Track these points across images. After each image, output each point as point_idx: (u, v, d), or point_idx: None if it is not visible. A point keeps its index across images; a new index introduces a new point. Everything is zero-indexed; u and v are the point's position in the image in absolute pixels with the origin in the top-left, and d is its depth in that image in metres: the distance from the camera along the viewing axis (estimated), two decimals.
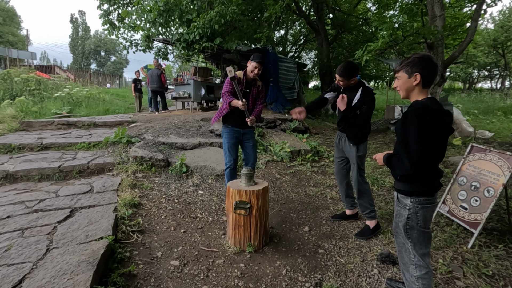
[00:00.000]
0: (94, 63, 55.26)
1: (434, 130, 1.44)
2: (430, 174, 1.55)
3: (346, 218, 3.03)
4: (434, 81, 1.58)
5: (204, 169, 4.17)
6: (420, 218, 1.55)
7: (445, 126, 1.49)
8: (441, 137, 1.51)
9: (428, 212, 1.57)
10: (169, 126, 5.74)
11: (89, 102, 12.29)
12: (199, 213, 3.12)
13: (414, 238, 1.60)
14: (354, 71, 2.59)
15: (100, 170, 3.97)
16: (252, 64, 2.96)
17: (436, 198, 1.61)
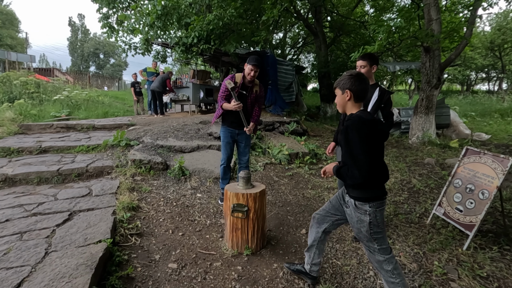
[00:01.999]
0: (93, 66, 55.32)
1: (372, 138, 1.57)
2: (381, 179, 1.67)
3: None
4: (365, 96, 1.70)
5: (203, 172, 4.20)
6: (379, 220, 1.66)
7: (380, 133, 1.65)
8: (379, 144, 1.65)
9: (383, 213, 1.70)
10: (168, 129, 5.77)
11: (88, 105, 12.30)
12: (197, 216, 3.14)
13: (379, 239, 1.70)
14: (376, 58, 2.60)
15: (99, 173, 3.99)
16: (248, 67, 2.99)
17: (386, 201, 1.73)
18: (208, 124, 6.20)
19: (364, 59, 2.57)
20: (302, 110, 12.20)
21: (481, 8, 6.18)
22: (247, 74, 3.02)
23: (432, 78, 6.28)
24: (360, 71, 2.55)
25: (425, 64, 6.31)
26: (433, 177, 4.41)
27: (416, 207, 3.44)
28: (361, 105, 1.70)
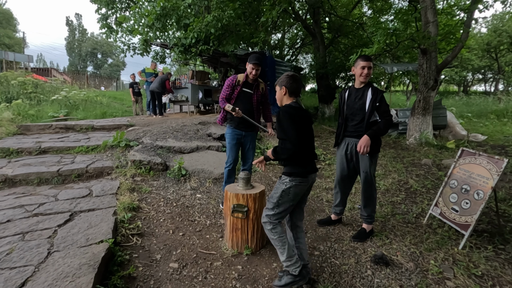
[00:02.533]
0: (91, 66, 55.13)
1: (298, 120, 1.96)
2: (305, 160, 2.01)
3: (332, 223, 3.07)
4: (296, 92, 2.08)
5: (202, 173, 4.23)
6: (292, 194, 1.98)
7: (304, 117, 2.02)
8: (305, 126, 2.01)
9: (300, 189, 2.00)
10: (167, 129, 5.80)
11: (86, 105, 12.28)
12: (197, 216, 3.18)
13: (281, 206, 2.02)
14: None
15: (98, 174, 4.01)
16: (249, 66, 3.05)
17: (308, 179, 2.02)
18: (207, 125, 6.23)
19: (370, 60, 2.63)
20: None
21: (477, 11, 6.26)
22: (249, 73, 3.08)
23: (429, 79, 6.35)
24: (367, 72, 2.60)
25: (422, 66, 6.38)
26: (430, 178, 4.47)
27: (413, 207, 3.49)
28: (294, 99, 2.08)
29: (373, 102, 2.59)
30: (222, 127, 6.13)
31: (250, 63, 3.03)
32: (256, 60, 3.03)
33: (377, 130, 2.58)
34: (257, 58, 3.05)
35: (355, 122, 2.72)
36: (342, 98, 2.85)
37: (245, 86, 3.17)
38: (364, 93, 2.65)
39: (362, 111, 2.66)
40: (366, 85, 2.68)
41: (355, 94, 2.73)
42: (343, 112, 2.83)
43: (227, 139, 3.31)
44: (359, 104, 2.68)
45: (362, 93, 2.68)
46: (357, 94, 2.71)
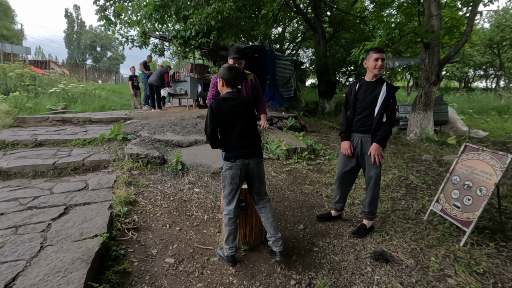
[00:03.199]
0: (90, 59, 54.73)
1: (226, 111, 2.09)
2: (229, 147, 2.16)
3: (331, 219, 3.01)
4: (232, 83, 2.20)
5: (200, 167, 4.17)
6: (228, 177, 2.16)
7: (235, 106, 2.12)
8: (232, 118, 2.12)
9: (233, 173, 2.15)
10: (165, 123, 5.73)
11: (84, 98, 12.19)
12: (194, 211, 3.13)
13: (225, 187, 2.21)
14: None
15: (95, 167, 3.95)
16: (230, 61, 2.81)
17: (238, 164, 2.13)
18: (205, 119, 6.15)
19: (383, 51, 2.54)
20: (300, 105, 12.17)
21: (481, 4, 6.15)
22: None
23: (431, 74, 6.27)
24: (381, 64, 2.51)
25: (424, 61, 6.29)
26: (430, 174, 4.43)
27: (414, 203, 3.45)
28: (232, 89, 2.20)
29: (387, 100, 2.52)
30: None
31: (230, 58, 2.80)
32: (236, 53, 2.75)
33: (385, 135, 2.52)
34: (236, 51, 2.77)
35: (362, 116, 2.63)
36: (352, 90, 2.73)
37: None
38: (377, 88, 2.56)
39: (372, 105, 2.58)
40: (378, 80, 2.59)
41: (366, 87, 2.63)
42: (353, 105, 2.69)
43: None
44: (370, 98, 2.58)
45: (374, 87, 2.58)
46: (369, 88, 2.61)
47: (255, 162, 2.19)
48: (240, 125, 2.14)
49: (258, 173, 2.22)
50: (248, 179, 2.25)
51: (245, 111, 2.17)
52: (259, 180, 2.24)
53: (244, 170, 2.17)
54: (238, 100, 2.17)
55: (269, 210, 2.28)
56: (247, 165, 2.16)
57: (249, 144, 2.17)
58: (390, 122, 2.52)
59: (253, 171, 2.19)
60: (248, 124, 2.18)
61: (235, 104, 2.14)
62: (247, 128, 2.17)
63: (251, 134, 2.19)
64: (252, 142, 2.19)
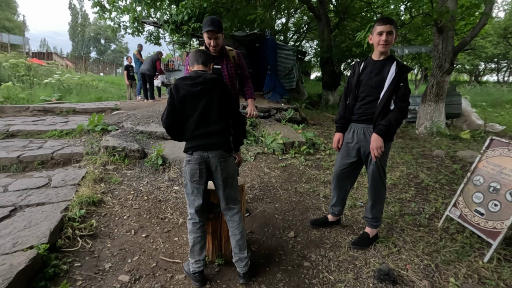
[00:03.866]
0: (94, 51, 54.49)
1: (178, 94, 1.72)
2: (186, 136, 1.77)
3: (327, 225, 2.56)
4: (199, 59, 1.84)
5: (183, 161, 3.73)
6: (187, 171, 1.78)
7: (190, 89, 1.72)
8: (190, 100, 1.73)
9: (191, 168, 1.76)
10: (153, 113, 5.29)
11: (81, 90, 11.85)
12: (169, 213, 2.70)
13: (186, 185, 1.82)
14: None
15: (66, 161, 3.54)
16: (205, 36, 2.27)
17: (195, 157, 1.74)
18: None
19: (390, 23, 2.00)
20: (303, 97, 11.61)
21: None
22: (208, 45, 2.31)
23: (444, 62, 5.70)
24: (385, 39, 2.01)
25: (438, 47, 5.72)
26: (443, 172, 3.93)
27: (426, 206, 2.97)
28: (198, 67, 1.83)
29: (396, 82, 2.02)
30: None
31: (203, 32, 2.23)
32: (210, 25, 2.14)
33: (388, 125, 2.01)
34: (211, 23, 2.16)
35: (365, 101, 2.16)
36: (355, 71, 2.24)
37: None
38: (385, 68, 2.07)
39: (377, 89, 2.09)
40: (388, 59, 2.09)
41: (372, 67, 2.14)
42: (355, 89, 2.21)
43: None
44: (376, 80, 2.09)
45: (381, 67, 2.09)
46: (375, 68, 2.12)
47: (217, 157, 1.74)
48: (200, 109, 1.72)
49: (222, 172, 1.76)
50: (211, 179, 1.81)
51: (207, 92, 1.74)
52: (224, 182, 1.78)
53: (204, 166, 1.74)
54: (199, 78, 1.74)
55: (238, 225, 1.83)
56: (206, 159, 1.74)
57: (210, 133, 1.74)
58: (398, 110, 2.02)
59: (215, 169, 1.75)
60: (210, 108, 1.74)
61: (193, 83, 1.73)
62: (209, 112, 1.75)
63: (215, 121, 1.75)
64: (215, 131, 1.75)
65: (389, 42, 2.02)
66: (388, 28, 2.00)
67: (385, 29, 2.00)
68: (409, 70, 2.09)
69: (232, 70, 2.49)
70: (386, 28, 2.00)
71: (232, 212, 1.83)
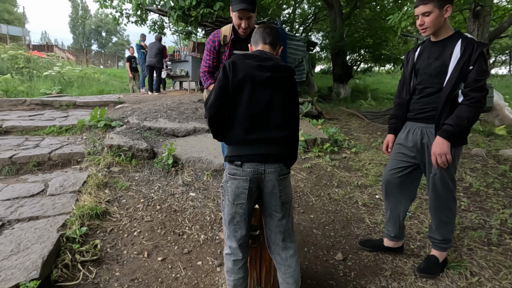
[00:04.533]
0: (95, 44, 53.84)
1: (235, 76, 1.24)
2: (235, 137, 1.28)
3: (382, 250, 2.05)
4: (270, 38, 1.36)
5: (199, 163, 3.29)
6: (229, 189, 1.29)
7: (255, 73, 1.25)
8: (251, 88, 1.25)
9: (237, 186, 1.27)
10: (160, 107, 4.84)
11: (82, 82, 11.45)
12: (187, 226, 2.27)
13: (224, 207, 1.34)
14: None
15: (65, 163, 3.11)
16: (234, 16, 1.85)
17: (245, 175, 1.25)
18: None
19: (424, 2, 1.57)
20: (313, 91, 11.10)
21: None
22: (237, 26, 1.89)
23: None
24: (421, 22, 1.61)
25: (472, 34, 5.19)
26: (491, 174, 3.46)
27: (487, 218, 2.52)
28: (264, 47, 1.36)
29: (463, 65, 1.54)
30: None
31: (234, 11, 1.83)
32: (243, 2, 1.78)
33: (456, 125, 1.53)
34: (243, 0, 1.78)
35: (423, 94, 1.71)
36: (409, 60, 1.81)
37: (236, 45, 1.99)
38: (446, 49, 1.61)
39: (438, 78, 1.63)
40: (451, 37, 1.63)
41: (430, 51, 1.69)
42: (409, 80, 1.79)
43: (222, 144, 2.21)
44: (435, 66, 1.64)
45: (441, 49, 1.63)
46: (433, 51, 1.67)
47: (276, 173, 1.27)
48: (262, 104, 1.25)
49: (281, 195, 1.29)
50: (262, 202, 1.33)
51: (277, 82, 1.27)
52: (282, 209, 1.30)
53: (256, 184, 1.27)
54: (269, 61, 1.28)
55: (293, 273, 1.35)
56: (261, 175, 1.26)
57: (271, 139, 1.26)
58: (470, 103, 1.53)
59: (271, 190, 1.28)
60: (276, 106, 1.28)
61: (260, 66, 1.25)
62: (273, 111, 1.27)
63: (279, 125, 1.27)
64: (277, 138, 1.27)
65: (427, 25, 1.60)
66: (422, 9, 1.59)
67: (418, 12, 1.62)
68: (483, 46, 1.59)
69: None
70: (419, 10, 1.61)
71: (288, 254, 1.35)
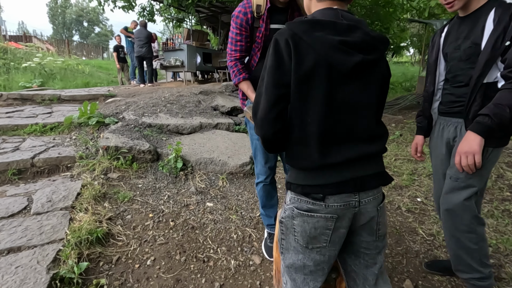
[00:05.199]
0: (76, 35, 51.49)
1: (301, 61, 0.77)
2: (310, 158, 0.81)
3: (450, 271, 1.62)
4: None
5: (211, 165, 2.84)
6: (297, 229, 0.86)
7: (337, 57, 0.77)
8: (332, 80, 0.78)
9: (311, 224, 0.83)
10: (158, 101, 4.32)
11: (65, 74, 10.70)
12: (211, 249, 1.83)
13: (288, 254, 0.91)
14: None
15: (52, 169, 2.60)
16: None
17: (333, 211, 0.81)
18: (211, 95, 4.75)
19: None
20: None
21: None
22: None
23: None
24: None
25: None
26: None
27: None
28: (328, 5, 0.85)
29: (495, 40, 1.14)
30: (231, 98, 4.67)
31: None
32: None
33: (496, 114, 1.12)
34: None
35: (456, 84, 1.34)
36: (434, 45, 1.44)
37: (274, 18, 1.53)
38: (478, 24, 1.21)
39: (471, 62, 1.25)
40: (485, 7, 1.21)
41: (459, 31, 1.30)
42: (434, 71, 1.44)
43: (252, 134, 1.72)
44: (466, 48, 1.26)
45: (473, 25, 1.24)
46: (462, 30, 1.29)
47: (375, 201, 0.87)
48: (347, 106, 0.82)
49: (379, 228, 0.90)
50: (349, 244, 0.93)
51: (369, 67, 0.82)
52: (377, 246, 0.92)
53: (347, 221, 0.86)
54: (356, 31, 0.80)
55: None
56: (354, 209, 0.84)
57: (366, 156, 0.84)
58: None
59: (366, 223, 0.89)
60: (369, 105, 0.85)
61: (344, 42, 0.77)
62: (364, 113, 0.84)
63: (374, 133, 0.86)
64: (374, 153, 0.86)
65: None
66: None
67: None
68: None
69: None
70: None
71: None
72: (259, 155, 1.74)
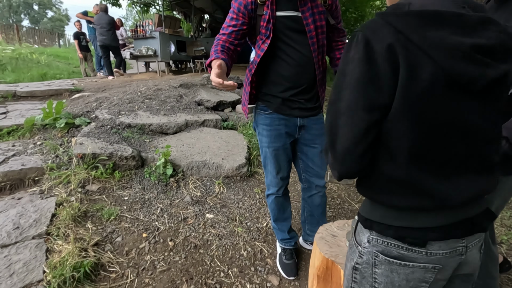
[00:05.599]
0: (26, 19, 46.59)
1: (412, 79, 0.53)
2: (401, 192, 0.62)
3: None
4: None
5: (204, 168, 2.58)
6: (380, 279, 0.67)
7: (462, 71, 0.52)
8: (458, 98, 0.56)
9: (405, 277, 0.64)
10: (134, 96, 3.89)
11: (17, 65, 9.58)
12: (221, 271, 1.61)
13: None
14: None
15: (16, 184, 2.19)
16: None
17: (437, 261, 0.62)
18: (192, 88, 4.38)
19: None
20: None
21: None
22: None
23: None
24: None
25: None
26: None
27: None
28: None
29: None
30: (215, 91, 4.34)
31: None
32: None
33: None
34: None
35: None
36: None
37: (281, 4, 1.29)
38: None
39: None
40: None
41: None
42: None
43: (263, 137, 1.49)
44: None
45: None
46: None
47: (480, 243, 0.68)
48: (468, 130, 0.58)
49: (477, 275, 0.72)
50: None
51: (502, 82, 0.57)
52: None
53: (450, 273, 0.66)
54: (488, 27, 0.54)
55: None
56: (461, 255, 0.64)
57: (482, 193, 0.64)
58: None
59: (469, 272, 0.69)
60: (491, 129, 0.62)
61: (476, 46, 0.52)
62: (486, 139, 0.61)
63: (493, 163, 0.64)
64: (490, 189, 0.65)
65: None
66: None
67: None
68: None
69: (321, 21, 1.34)
70: None
71: None
72: (270, 164, 1.53)
